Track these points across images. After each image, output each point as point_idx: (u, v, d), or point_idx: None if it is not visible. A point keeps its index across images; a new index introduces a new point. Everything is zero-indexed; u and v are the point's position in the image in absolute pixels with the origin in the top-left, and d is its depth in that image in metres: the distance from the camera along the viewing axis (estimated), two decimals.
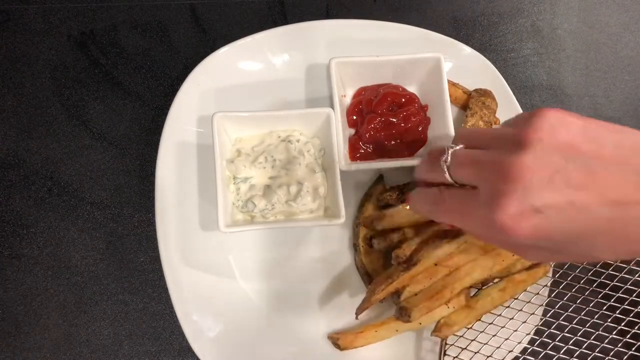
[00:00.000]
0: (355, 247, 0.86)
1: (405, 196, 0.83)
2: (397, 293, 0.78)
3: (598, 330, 0.83)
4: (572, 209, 0.49)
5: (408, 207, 0.76)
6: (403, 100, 0.86)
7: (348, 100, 0.90)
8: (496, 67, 0.91)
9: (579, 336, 0.83)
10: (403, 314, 0.77)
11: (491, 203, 0.51)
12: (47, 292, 0.86)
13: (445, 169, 0.58)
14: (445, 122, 0.84)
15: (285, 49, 0.90)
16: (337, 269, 0.87)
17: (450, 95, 0.88)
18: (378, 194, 0.86)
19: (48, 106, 0.91)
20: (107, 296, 0.86)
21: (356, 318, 0.80)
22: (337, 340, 0.81)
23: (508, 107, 0.90)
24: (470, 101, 0.86)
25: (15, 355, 0.84)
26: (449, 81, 0.88)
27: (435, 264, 0.76)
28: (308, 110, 0.85)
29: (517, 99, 0.91)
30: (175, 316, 0.81)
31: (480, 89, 0.89)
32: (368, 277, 0.84)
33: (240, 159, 0.82)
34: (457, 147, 0.59)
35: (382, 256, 0.85)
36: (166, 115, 0.86)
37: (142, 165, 0.90)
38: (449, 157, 0.58)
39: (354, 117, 0.88)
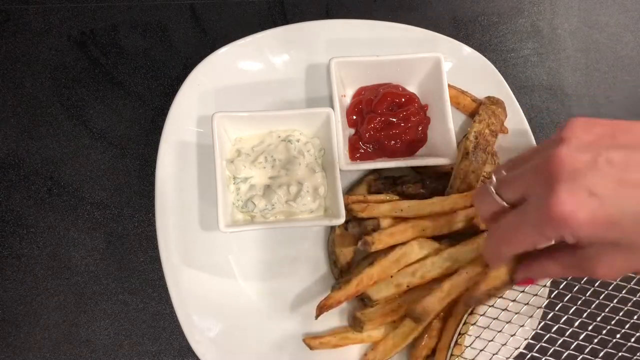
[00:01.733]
0: (331, 227, 0.86)
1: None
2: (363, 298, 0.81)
3: (596, 338, 0.82)
4: (625, 187, 0.49)
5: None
6: (403, 100, 0.86)
7: (348, 100, 0.90)
8: (496, 67, 0.91)
9: (581, 340, 0.82)
10: (356, 324, 0.80)
11: (543, 201, 0.50)
12: (47, 292, 0.86)
13: (493, 191, 0.59)
14: (445, 122, 0.84)
15: (285, 49, 0.90)
16: None
17: (458, 103, 0.88)
18: (371, 180, 0.86)
19: (48, 106, 0.91)
20: (107, 296, 0.86)
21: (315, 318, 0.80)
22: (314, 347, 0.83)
23: (508, 107, 0.90)
24: (481, 107, 0.86)
25: (16, 355, 0.84)
26: (457, 88, 0.88)
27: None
28: (308, 110, 0.85)
29: (517, 98, 0.91)
30: (175, 316, 0.81)
31: (493, 97, 0.89)
32: (334, 256, 0.85)
33: (240, 159, 0.82)
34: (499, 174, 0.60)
35: (354, 241, 0.85)
36: (166, 115, 0.86)
37: (142, 165, 0.90)
38: (494, 180, 0.59)
39: (354, 117, 0.88)
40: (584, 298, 0.80)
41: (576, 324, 0.79)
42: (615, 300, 0.79)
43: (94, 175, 0.90)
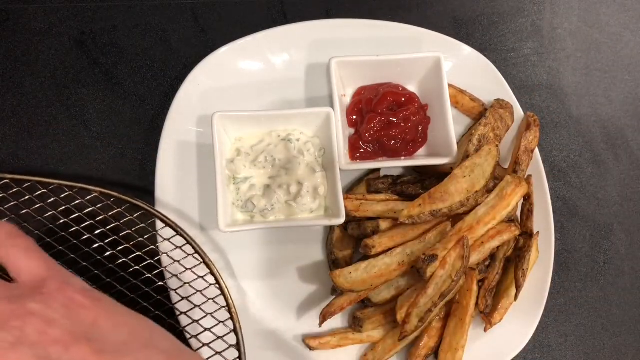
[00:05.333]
0: (331, 226, 0.86)
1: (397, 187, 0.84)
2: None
3: None
4: None
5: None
6: (403, 99, 0.86)
7: (348, 99, 0.90)
8: (496, 67, 0.91)
9: None
10: (356, 324, 0.81)
11: None
12: None
13: None
14: (445, 122, 0.84)
15: (285, 49, 0.90)
16: None
17: (456, 103, 0.88)
18: (371, 179, 0.86)
19: (48, 106, 0.91)
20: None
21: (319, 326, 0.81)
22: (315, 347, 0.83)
23: None
24: (489, 110, 0.86)
25: None
26: (455, 87, 0.88)
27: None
28: (308, 110, 0.85)
29: (517, 98, 0.91)
30: (176, 316, 0.81)
31: (502, 101, 0.89)
32: (333, 257, 0.85)
33: (240, 158, 0.82)
34: None
35: (353, 243, 0.85)
36: (166, 115, 0.86)
37: (142, 165, 0.90)
38: None
39: (354, 117, 0.88)
40: None
41: None
42: None
43: (94, 175, 0.90)
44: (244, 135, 0.85)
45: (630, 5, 1.04)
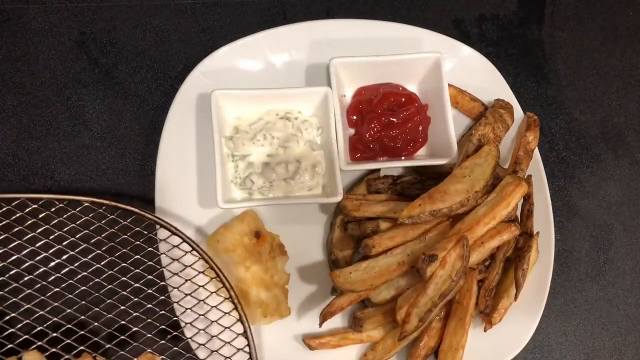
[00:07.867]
0: (331, 225, 0.86)
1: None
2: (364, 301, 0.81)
3: None
4: None
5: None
6: (403, 99, 0.86)
7: (348, 100, 0.90)
8: (496, 67, 0.91)
9: None
10: (356, 324, 0.80)
11: None
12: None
13: None
14: (445, 122, 0.84)
15: (285, 49, 0.90)
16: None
17: (456, 103, 0.88)
18: (371, 180, 0.86)
19: (48, 106, 0.91)
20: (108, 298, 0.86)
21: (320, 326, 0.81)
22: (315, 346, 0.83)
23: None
24: (489, 110, 0.86)
25: None
26: (455, 87, 0.88)
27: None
28: (306, 89, 0.86)
29: (517, 98, 0.91)
30: (177, 316, 0.81)
31: (502, 101, 0.89)
32: (333, 257, 0.85)
33: (238, 136, 0.83)
34: None
35: (353, 243, 0.85)
36: (166, 115, 0.86)
37: (142, 165, 0.90)
38: None
39: (354, 117, 0.88)
40: None
41: None
42: None
43: (94, 175, 0.90)
44: (243, 114, 0.85)
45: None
